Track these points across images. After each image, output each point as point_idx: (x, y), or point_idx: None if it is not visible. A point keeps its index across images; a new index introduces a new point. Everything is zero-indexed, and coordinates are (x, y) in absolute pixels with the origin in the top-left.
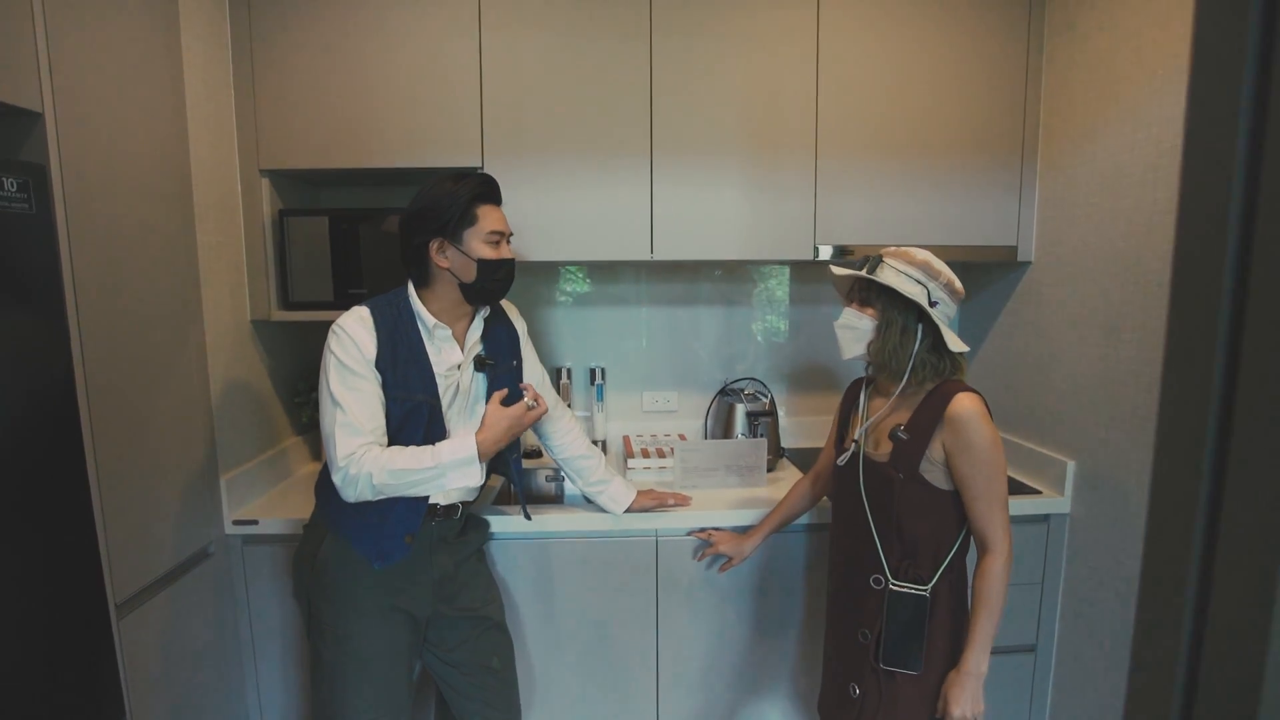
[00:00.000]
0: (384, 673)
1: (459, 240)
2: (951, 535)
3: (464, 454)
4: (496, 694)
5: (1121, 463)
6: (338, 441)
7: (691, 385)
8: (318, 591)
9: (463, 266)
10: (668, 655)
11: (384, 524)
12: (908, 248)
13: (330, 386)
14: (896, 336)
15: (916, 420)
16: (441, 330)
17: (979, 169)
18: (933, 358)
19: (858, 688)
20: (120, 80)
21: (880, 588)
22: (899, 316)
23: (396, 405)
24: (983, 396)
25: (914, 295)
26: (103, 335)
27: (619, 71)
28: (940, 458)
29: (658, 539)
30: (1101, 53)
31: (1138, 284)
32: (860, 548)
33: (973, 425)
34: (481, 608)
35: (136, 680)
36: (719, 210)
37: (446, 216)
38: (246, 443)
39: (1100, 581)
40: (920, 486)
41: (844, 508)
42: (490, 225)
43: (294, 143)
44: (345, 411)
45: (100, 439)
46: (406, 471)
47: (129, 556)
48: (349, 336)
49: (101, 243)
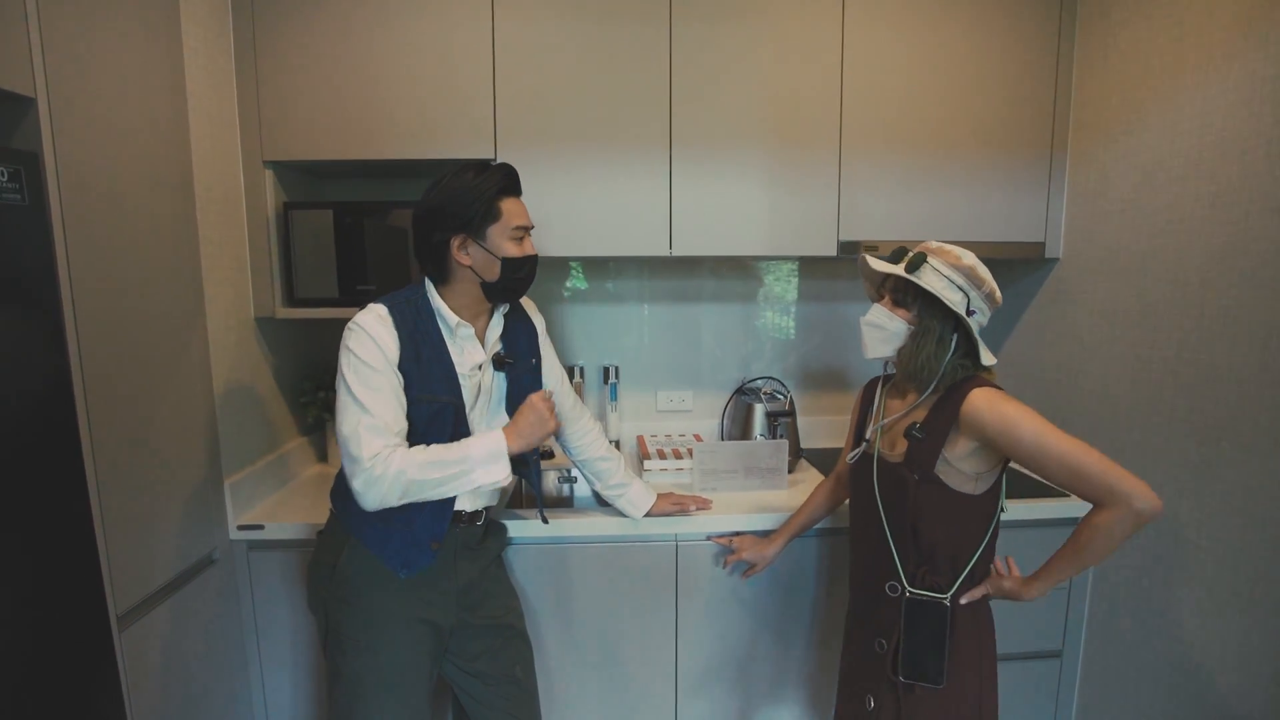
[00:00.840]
0: (408, 685)
1: (482, 237)
2: (973, 542)
3: (493, 447)
4: (519, 704)
5: (1155, 464)
6: (363, 441)
7: (706, 384)
8: (337, 603)
9: (486, 264)
10: (687, 663)
11: (409, 530)
12: (953, 247)
13: (351, 386)
14: (932, 346)
15: (932, 419)
16: (465, 329)
17: (1006, 163)
18: (964, 370)
19: (873, 699)
20: (117, 65)
21: (897, 595)
22: (937, 325)
23: (422, 408)
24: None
25: (955, 304)
26: (101, 333)
27: (637, 59)
28: (959, 458)
29: (677, 544)
30: (1138, 41)
31: (1174, 282)
32: (875, 552)
33: (995, 411)
34: (504, 616)
35: (139, 692)
36: (739, 205)
37: (470, 213)
38: (251, 445)
39: (1129, 587)
40: (936, 488)
41: (859, 510)
42: (515, 220)
43: (298, 133)
44: (369, 412)
45: (99, 442)
46: (438, 464)
47: (130, 565)
48: (368, 335)
49: (99, 236)
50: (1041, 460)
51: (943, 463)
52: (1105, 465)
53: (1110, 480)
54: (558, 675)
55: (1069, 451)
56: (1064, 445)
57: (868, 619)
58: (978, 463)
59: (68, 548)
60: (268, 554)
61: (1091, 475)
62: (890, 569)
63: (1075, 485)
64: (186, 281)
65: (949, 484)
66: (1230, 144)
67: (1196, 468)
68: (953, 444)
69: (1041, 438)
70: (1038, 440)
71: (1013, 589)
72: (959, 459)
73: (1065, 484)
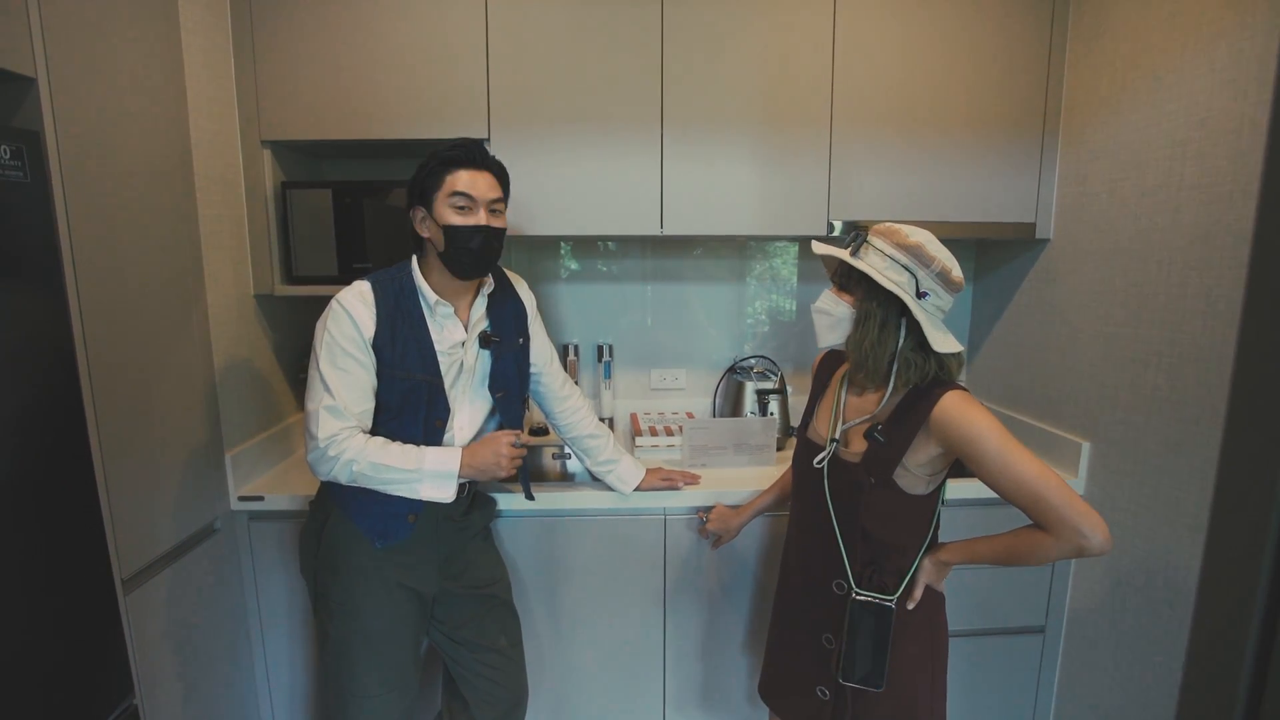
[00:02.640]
0: (391, 649)
1: (431, 206)
2: (919, 540)
3: (446, 467)
4: (505, 674)
5: (1139, 444)
6: (320, 421)
7: (700, 363)
8: (324, 568)
9: (436, 235)
10: (675, 633)
11: (388, 502)
12: (901, 225)
13: (320, 365)
14: (874, 332)
15: (896, 421)
16: (444, 307)
17: (998, 143)
18: (918, 358)
19: (827, 691)
20: (115, 45)
21: (843, 594)
22: (878, 309)
23: (396, 384)
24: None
25: (895, 286)
26: (103, 308)
27: (629, 38)
28: (919, 464)
29: (665, 518)
30: (1129, 21)
31: (1160, 263)
32: (823, 549)
33: (966, 417)
34: (488, 585)
35: (144, 655)
36: (730, 184)
37: (423, 184)
38: (251, 418)
39: (1112, 564)
40: (892, 492)
41: (806, 504)
42: (454, 186)
43: (296, 113)
44: (331, 393)
45: (103, 414)
46: (387, 468)
47: (134, 532)
48: (346, 314)
49: (100, 213)
50: (999, 477)
51: (901, 467)
52: (1065, 497)
53: (1065, 514)
54: (547, 646)
55: (1032, 476)
56: (1026, 467)
57: (813, 611)
58: (934, 464)
59: (74, 514)
60: (267, 524)
61: (1049, 503)
62: (838, 567)
63: (1029, 508)
64: (186, 257)
65: (903, 487)
66: (1217, 124)
67: (1177, 446)
68: (917, 449)
69: (1006, 455)
70: (1001, 456)
71: (932, 570)
72: (919, 464)
73: (1019, 505)
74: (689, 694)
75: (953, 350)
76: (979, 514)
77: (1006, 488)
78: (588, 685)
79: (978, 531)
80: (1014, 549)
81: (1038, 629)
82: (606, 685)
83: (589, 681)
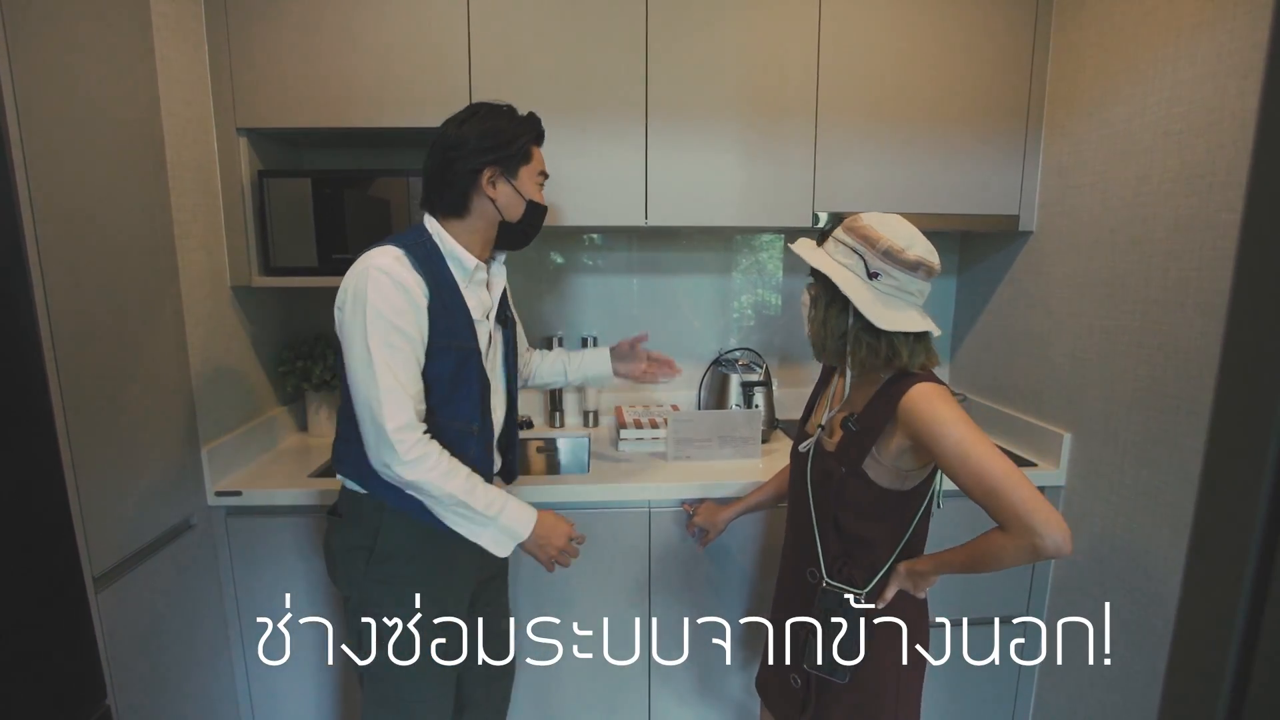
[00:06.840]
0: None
1: (514, 175)
2: (890, 540)
3: (518, 527)
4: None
5: (1119, 434)
6: (387, 408)
7: (685, 356)
8: (389, 589)
9: (511, 203)
10: (659, 626)
11: None
12: (861, 214)
13: (370, 342)
14: (822, 313)
15: (869, 411)
16: (481, 272)
17: (982, 135)
18: (868, 336)
19: (799, 679)
20: (83, 30)
21: (815, 583)
22: (824, 292)
23: (450, 355)
24: (942, 384)
25: (834, 269)
26: (71, 299)
27: (613, 28)
28: (890, 456)
29: (650, 510)
30: (1113, 13)
31: (1142, 255)
32: (803, 537)
33: (929, 406)
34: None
35: (117, 656)
36: (716, 175)
37: (510, 149)
38: (229, 412)
39: (1094, 554)
40: (862, 483)
41: (795, 492)
42: (540, 164)
43: (273, 100)
44: (393, 373)
45: (71, 408)
46: (465, 505)
47: (105, 528)
48: (393, 281)
49: (67, 203)
50: (958, 468)
51: (871, 458)
52: (1024, 494)
53: (1021, 511)
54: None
55: (990, 470)
56: (986, 461)
57: (794, 599)
58: (908, 460)
59: (40, 508)
60: (246, 520)
61: (1005, 499)
62: (812, 556)
63: (986, 503)
64: (159, 247)
65: (875, 479)
66: (1197, 115)
67: (1157, 436)
68: (887, 440)
69: (964, 445)
70: (961, 447)
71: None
72: (890, 456)
73: (977, 499)
74: (674, 687)
75: (899, 329)
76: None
77: (966, 482)
78: (571, 676)
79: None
80: (974, 553)
81: (1019, 620)
82: (591, 677)
83: (573, 676)
